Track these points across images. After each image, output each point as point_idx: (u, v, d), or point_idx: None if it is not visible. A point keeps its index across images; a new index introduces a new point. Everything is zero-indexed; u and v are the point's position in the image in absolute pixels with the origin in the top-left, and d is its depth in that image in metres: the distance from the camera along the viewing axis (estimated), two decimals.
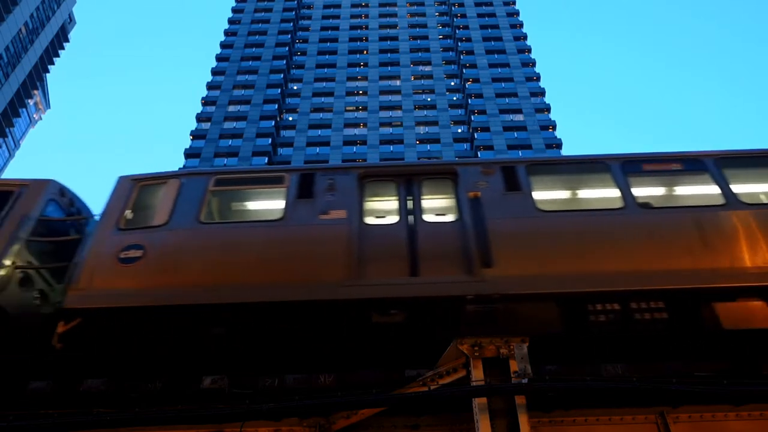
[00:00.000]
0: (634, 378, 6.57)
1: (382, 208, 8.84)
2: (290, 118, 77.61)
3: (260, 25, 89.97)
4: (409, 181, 9.01)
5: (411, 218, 8.46)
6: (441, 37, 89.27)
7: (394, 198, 8.87)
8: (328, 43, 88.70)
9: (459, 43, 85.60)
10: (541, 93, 78.41)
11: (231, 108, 77.85)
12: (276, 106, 77.46)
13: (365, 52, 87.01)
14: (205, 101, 79.22)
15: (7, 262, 8.38)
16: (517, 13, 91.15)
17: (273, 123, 75.05)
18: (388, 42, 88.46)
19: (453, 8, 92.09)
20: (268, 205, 9.20)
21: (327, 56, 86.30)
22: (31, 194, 9.17)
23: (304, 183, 8.93)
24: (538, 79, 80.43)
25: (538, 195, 8.67)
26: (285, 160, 70.25)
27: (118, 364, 7.57)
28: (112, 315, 7.80)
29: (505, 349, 6.62)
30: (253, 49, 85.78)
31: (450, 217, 8.60)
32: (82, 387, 7.15)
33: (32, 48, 70.95)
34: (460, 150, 71.84)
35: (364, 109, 78.10)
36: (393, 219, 8.56)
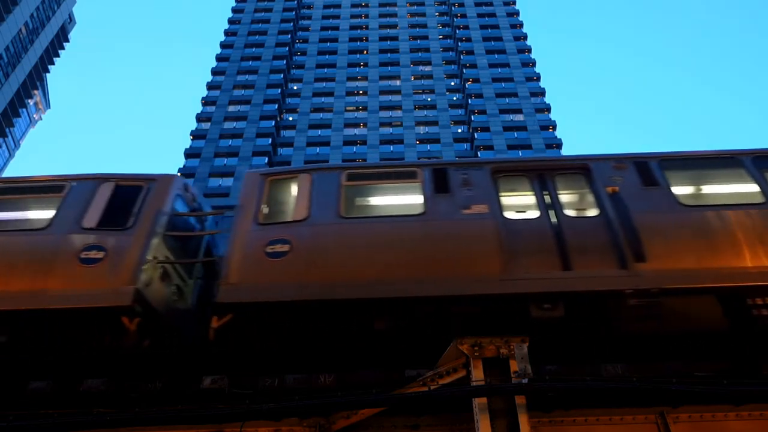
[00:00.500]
0: (634, 378, 6.57)
1: (519, 203, 8.89)
2: (290, 118, 77.59)
3: (260, 25, 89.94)
4: (541, 176, 9.10)
5: (552, 213, 8.53)
6: (441, 37, 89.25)
7: (529, 193, 8.94)
8: (328, 43, 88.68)
9: (459, 43, 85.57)
10: (541, 93, 78.39)
11: (231, 108, 77.83)
12: (276, 106, 77.45)
13: (365, 52, 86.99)
14: (205, 101, 79.19)
15: (150, 258, 8.38)
16: (517, 13, 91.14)
17: (273, 123, 75.03)
18: (388, 42, 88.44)
19: (453, 8, 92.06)
20: (405, 199, 9.21)
21: (327, 56, 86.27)
22: (160, 189, 9.21)
23: (438, 178, 9.00)
24: (538, 79, 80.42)
25: (676, 190, 8.73)
26: (285, 160, 70.24)
27: (270, 359, 7.62)
28: (265, 309, 7.82)
29: (505, 349, 6.62)
30: (253, 49, 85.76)
31: (591, 212, 8.67)
32: (82, 387, 7.15)
33: (32, 48, 70.95)
34: (460, 150, 71.82)
35: (364, 109, 78.08)
36: (533, 214, 8.60)
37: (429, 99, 79.62)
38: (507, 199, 8.81)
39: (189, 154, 71.71)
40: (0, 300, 7.85)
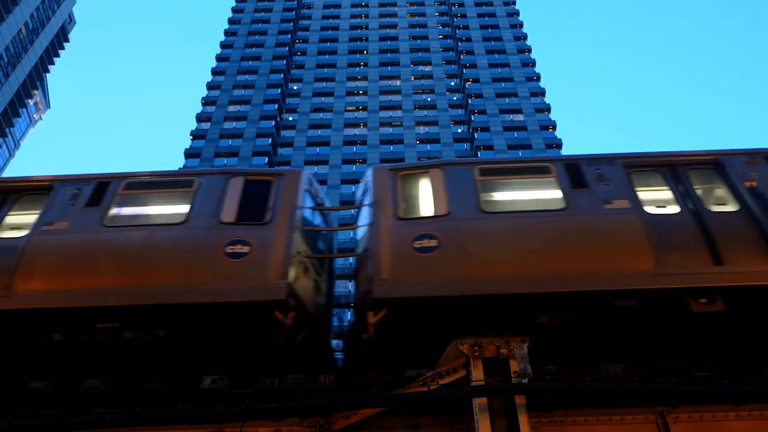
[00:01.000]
0: (634, 378, 6.58)
1: (656, 198, 8.90)
2: (290, 118, 77.57)
3: (260, 25, 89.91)
4: (673, 171, 9.13)
5: (691, 208, 8.55)
6: (441, 37, 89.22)
7: (663, 188, 8.98)
8: (328, 43, 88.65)
9: (459, 43, 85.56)
10: (541, 93, 78.37)
11: (231, 108, 77.80)
12: (276, 106, 77.42)
13: (365, 52, 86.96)
14: (205, 101, 79.17)
15: (294, 252, 8.35)
16: (517, 13, 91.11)
17: (273, 123, 75.01)
18: (388, 42, 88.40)
19: (453, 8, 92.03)
20: (541, 194, 9.21)
21: (327, 56, 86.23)
22: (289, 184, 9.19)
23: (572, 173, 9.02)
24: (538, 79, 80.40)
25: None
26: (285, 160, 70.22)
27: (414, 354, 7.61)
28: (419, 305, 7.83)
29: (505, 349, 6.63)
30: (253, 49, 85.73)
31: (731, 207, 8.66)
32: (82, 387, 7.15)
33: (32, 48, 70.93)
34: (460, 150, 71.80)
35: (364, 109, 78.05)
36: (674, 209, 8.61)
37: (429, 99, 79.59)
38: (643, 194, 8.81)
39: (189, 154, 71.68)
40: (148, 294, 7.80)
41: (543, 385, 6.40)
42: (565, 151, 70.73)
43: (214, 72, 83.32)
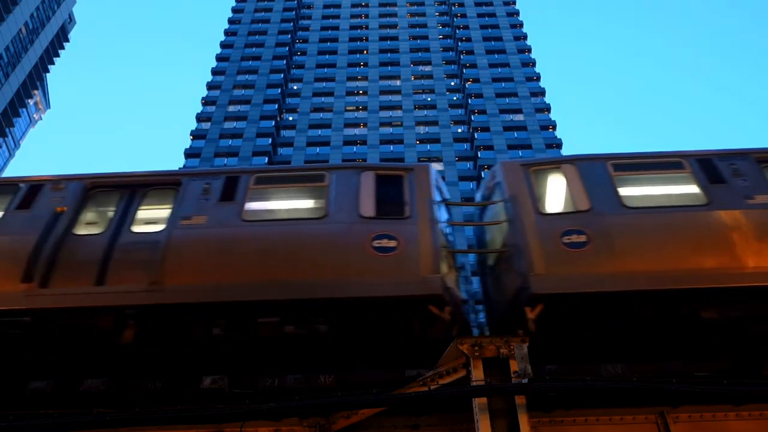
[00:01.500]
0: (634, 378, 6.58)
1: None
2: (290, 118, 77.57)
3: (260, 25, 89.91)
4: None
5: None
6: (441, 37, 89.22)
7: None
8: (328, 43, 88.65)
9: (459, 43, 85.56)
10: (541, 93, 78.38)
11: (231, 108, 77.81)
12: (276, 106, 77.42)
13: (365, 52, 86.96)
14: (205, 101, 79.17)
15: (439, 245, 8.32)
16: (517, 13, 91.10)
17: (273, 123, 75.02)
18: (388, 42, 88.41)
19: (453, 8, 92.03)
20: (678, 190, 9.16)
21: (327, 56, 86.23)
22: (421, 179, 9.16)
23: (707, 168, 9.00)
24: (538, 79, 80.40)
25: None
26: (285, 160, 70.23)
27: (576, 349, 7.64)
28: (578, 300, 7.82)
29: (505, 349, 6.62)
30: (253, 49, 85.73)
31: None
32: (82, 387, 7.15)
33: (32, 48, 70.93)
34: (460, 150, 71.85)
35: (364, 109, 78.06)
36: None
37: (429, 99, 79.59)
38: None
39: (189, 154, 71.69)
40: (302, 289, 7.80)
41: (543, 385, 6.40)
42: (565, 151, 70.76)
43: (214, 72, 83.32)
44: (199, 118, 76.74)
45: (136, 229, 8.66)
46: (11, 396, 7.12)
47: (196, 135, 74.42)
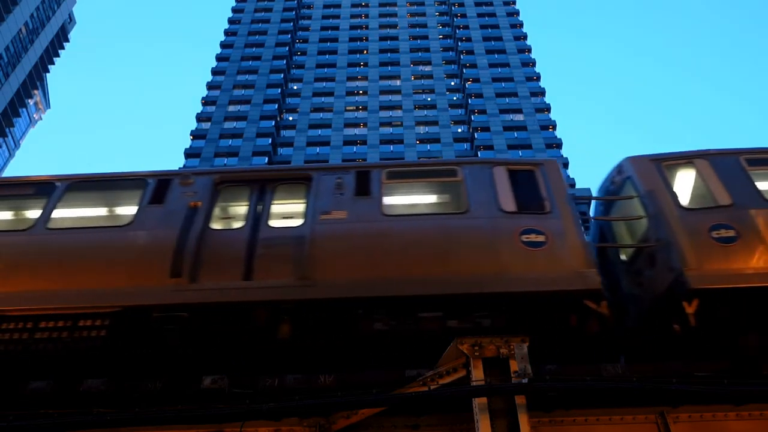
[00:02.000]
0: (634, 378, 6.57)
1: None
2: (290, 118, 77.59)
3: (260, 25, 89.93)
4: None
5: None
6: (441, 37, 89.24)
7: None
8: (328, 43, 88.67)
9: (459, 43, 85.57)
10: (541, 93, 78.42)
11: (231, 108, 77.83)
12: (276, 106, 77.45)
13: (365, 52, 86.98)
14: (205, 101, 79.20)
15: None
16: (517, 13, 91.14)
17: (273, 123, 75.03)
18: (388, 42, 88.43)
19: (453, 8, 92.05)
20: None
21: (327, 56, 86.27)
22: (552, 174, 9.08)
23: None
24: (538, 78, 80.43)
25: None
26: (285, 160, 70.23)
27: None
28: (736, 296, 7.77)
29: (505, 348, 6.61)
30: (253, 49, 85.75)
31: None
32: (82, 387, 7.12)
33: (32, 48, 70.91)
34: (460, 150, 71.84)
35: (364, 109, 78.08)
36: None
37: (429, 99, 79.63)
38: None
39: (189, 154, 71.71)
40: (459, 284, 7.72)
41: (543, 385, 6.39)
42: (565, 151, 70.77)
43: (214, 72, 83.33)
44: (199, 118, 76.76)
45: (274, 223, 8.54)
46: (11, 396, 7.11)
47: (196, 135, 74.45)
